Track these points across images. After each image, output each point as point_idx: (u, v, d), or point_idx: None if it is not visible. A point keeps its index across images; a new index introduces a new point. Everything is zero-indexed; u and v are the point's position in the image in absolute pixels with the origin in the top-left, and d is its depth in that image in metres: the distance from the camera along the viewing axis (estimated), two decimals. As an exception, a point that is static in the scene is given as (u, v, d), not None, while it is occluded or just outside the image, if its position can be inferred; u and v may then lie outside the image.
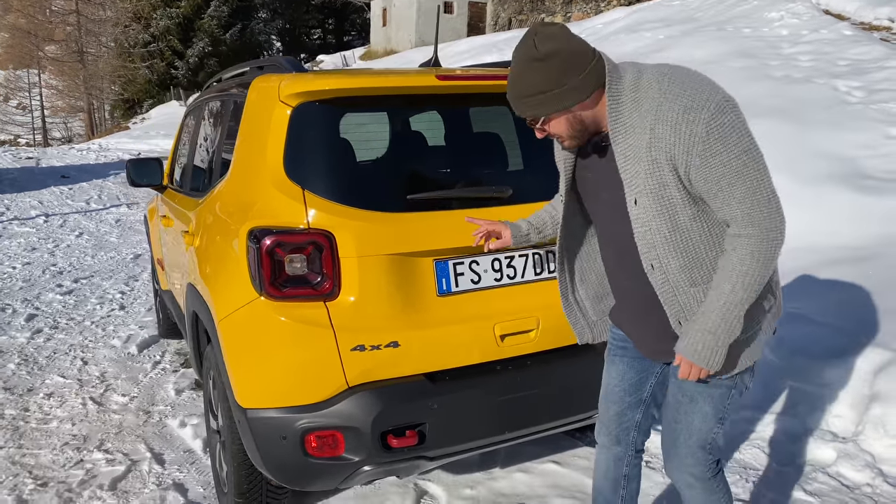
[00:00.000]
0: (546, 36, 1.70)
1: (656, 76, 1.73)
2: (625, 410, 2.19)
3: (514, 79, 1.77)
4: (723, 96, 1.67)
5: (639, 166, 1.74)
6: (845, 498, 2.75)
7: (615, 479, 2.26)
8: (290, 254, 2.28)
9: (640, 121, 1.71)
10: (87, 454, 3.44)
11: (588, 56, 1.73)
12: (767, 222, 1.67)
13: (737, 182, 1.65)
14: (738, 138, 1.65)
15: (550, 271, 2.61)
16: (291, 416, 2.30)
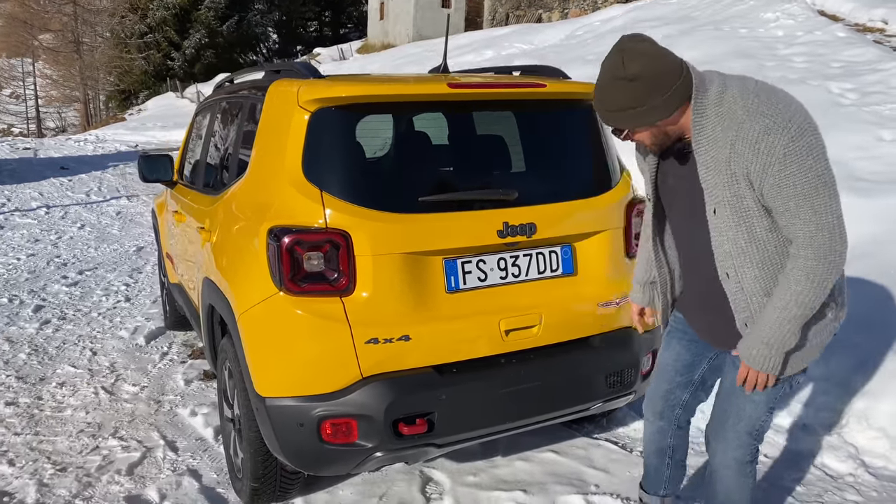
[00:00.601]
0: (635, 55, 1.77)
1: (741, 92, 1.81)
2: (673, 389, 2.38)
3: (600, 91, 1.88)
4: (803, 119, 1.76)
5: (719, 178, 1.84)
6: (828, 487, 2.90)
7: (661, 448, 2.48)
8: (309, 251, 2.41)
9: (723, 134, 1.81)
10: (103, 441, 3.57)
11: (675, 75, 1.80)
12: (826, 247, 1.76)
13: (804, 204, 1.75)
14: (813, 162, 1.73)
15: (553, 270, 2.75)
16: (308, 404, 2.44)
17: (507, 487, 2.98)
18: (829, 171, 1.78)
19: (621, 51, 1.81)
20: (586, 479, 3.04)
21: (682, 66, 1.84)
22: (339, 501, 2.95)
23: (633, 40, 1.83)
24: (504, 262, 2.65)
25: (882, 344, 3.51)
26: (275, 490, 2.83)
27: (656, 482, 2.56)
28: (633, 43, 1.82)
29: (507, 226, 2.58)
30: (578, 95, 2.89)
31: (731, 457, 2.15)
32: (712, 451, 2.21)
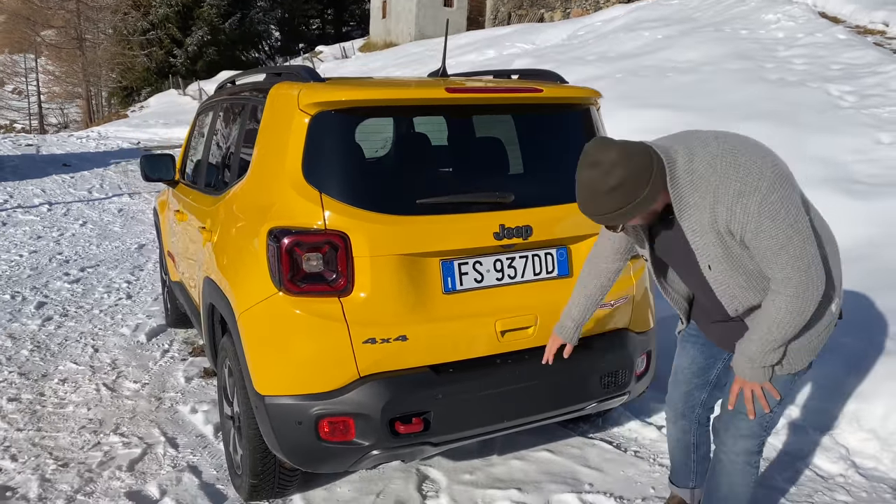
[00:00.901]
0: (609, 167, 1.88)
1: (708, 158, 1.95)
2: (692, 391, 2.54)
3: (587, 204, 1.97)
4: (772, 171, 1.90)
5: (706, 239, 2.00)
6: (819, 487, 2.95)
7: (685, 446, 2.62)
8: (308, 252, 2.45)
9: (701, 200, 1.95)
10: (104, 437, 3.61)
11: (649, 168, 1.91)
12: (804, 286, 1.92)
13: (781, 252, 1.90)
14: (785, 214, 1.88)
15: (549, 272, 2.79)
16: (306, 402, 2.48)
17: (503, 486, 3.03)
18: (802, 217, 1.93)
19: (594, 165, 1.91)
20: (580, 478, 3.09)
21: (651, 154, 1.94)
22: (336, 498, 3.00)
23: (601, 150, 1.92)
24: (500, 263, 2.69)
25: (874, 346, 3.55)
26: (273, 487, 2.87)
27: (684, 476, 2.68)
28: (602, 154, 1.91)
29: (503, 228, 2.62)
30: (575, 100, 2.93)
31: (740, 447, 2.24)
32: (721, 442, 2.30)
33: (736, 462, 2.26)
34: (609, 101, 9.71)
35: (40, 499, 3.02)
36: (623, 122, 8.39)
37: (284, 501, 3.00)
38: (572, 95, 2.91)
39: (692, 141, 2.01)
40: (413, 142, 3.06)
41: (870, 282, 4.25)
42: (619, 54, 12.87)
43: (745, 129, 7.71)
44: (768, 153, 1.98)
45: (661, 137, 2.16)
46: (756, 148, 1.99)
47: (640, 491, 2.97)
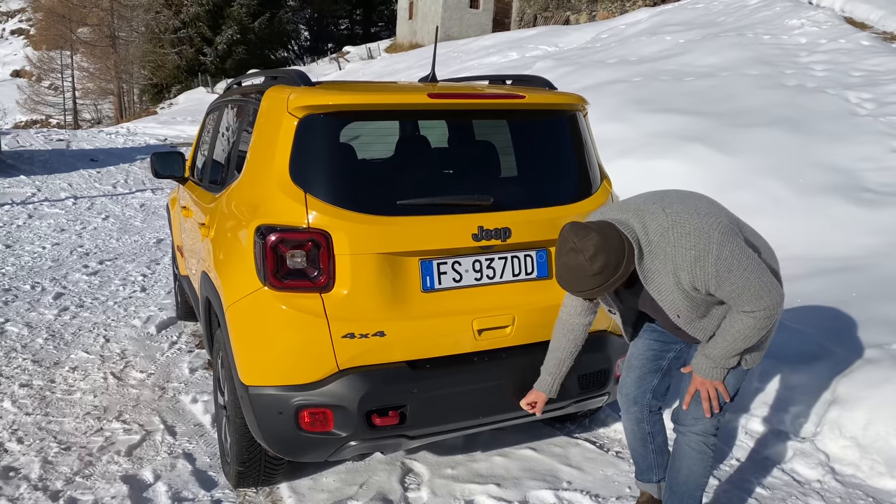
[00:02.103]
0: (593, 252, 2.12)
1: (661, 231, 2.21)
2: (644, 375, 2.67)
3: (571, 283, 2.21)
4: (718, 233, 2.17)
5: (672, 296, 2.26)
6: (794, 492, 2.98)
7: (642, 437, 2.72)
8: (292, 249, 2.56)
9: (662, 267, 2.23)
10: (107, 423, 3.76)
11: (623, 250, 2.17)
12: (769, 310, 2.19)
13: (743, 292, 2.17)
14: (737, 263, 2.16)
15: (528, 273, 2.86)
16: (287, 393, 2.59)
17: (482, 481, 3.11)
18: (751, 257, 2.20)
19: (577, 251, 2.15)
20: (560, 475, 3.16)
21: (622, 235, 2.20)
22: (321, 488, 3.10)
23: (580, 237, 2.15)
24: (479, 264, 2.78)
25: (860, 355, 3.56)
26: (259, 474, 2.99)
27: (647, 470, 2.76)
28: (582, 242, 2.14)
29: (481, 230, 2.70)
30: (558, 106, 3.00)
31: (698, 429, 2.45)
32: (679, 426, 2.51)
33: (695, 444, 2.46)
34: (624, 105, 9.75)
35: (41, 479, 3.17)
36: (637, 127, 8.42)
37: (271, 489, 3.11)
38: (556, 101, 2.98)
39: (643, 215, 2.27)
40: (396, 145, 3.15)
41: (863, 291, 4.26)
42: (640, 58, 12.84)
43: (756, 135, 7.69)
44: (708, 211, 2.26)
45: (613, 208, 2.40)
46: (698, 209, 2.25)
47: (616, 490, 3.03)
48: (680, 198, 2.32)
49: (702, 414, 2.42)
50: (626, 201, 2.41)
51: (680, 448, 2.52)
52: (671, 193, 2.37)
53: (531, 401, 2.71)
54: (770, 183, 6.60)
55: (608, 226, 2.20)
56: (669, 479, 2.59)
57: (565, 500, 2.95)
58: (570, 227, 2.21)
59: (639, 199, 2.39)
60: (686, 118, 8.48)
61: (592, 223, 2.22)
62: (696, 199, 2.33)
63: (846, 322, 3.93)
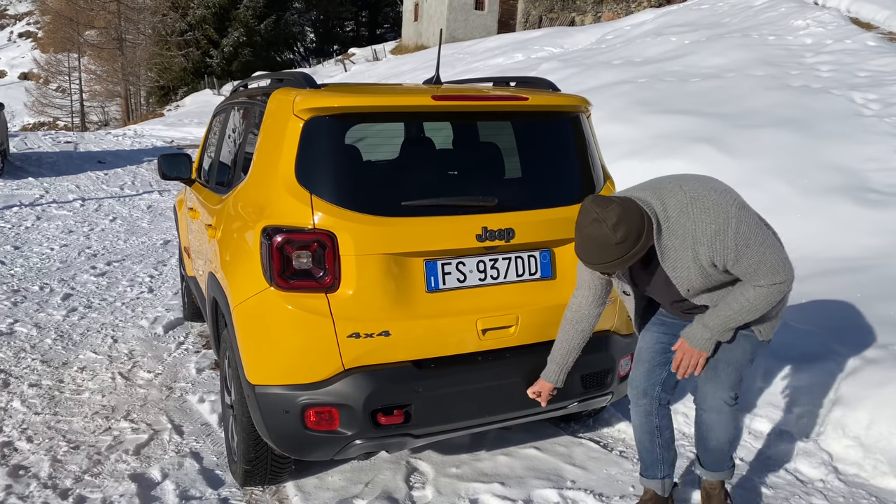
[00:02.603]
0: (616, 221, 2.15)
1: (680, 207, 2.26)
2: (654, 368, 2.70)
3: (593, 255, 2.23)
4: (735, 208, 2.24)
5: (687, 272, 2.31)
6: (796, 491, 2.99)
7: (650, 431, 2.74)
8: (298, 250, 2.59)
9: (681, 243, 2.27)
10: (115, 423, 3.80)
11: (643, 224, 2.20)
12: (780, 278, 2.26)
13: (760, 266, 2.24)
14: (754, 237, 2.23)
15: (531, 274, 2.89)
16: (294, 392, 2.62)
17: (487, 480, 3.13)
18: (766, 231, 2.29)
19: (599, 221, 2.18)
20: (564, 475, 3.18)
21: (641, 209, 2.23)
22: (327, 486, 3.13)
23: (602, 208, 2.18)
24: (483, 264, 2.80)
25: (864, 355, 3.57)
26: (266, 473, 3.02)
27: (652, 466, 2.77)
28: (604, 212, 2.17)
29: (486, 230, 2.73)
30: (561, 107, 3.02)
31: (720, 398, 2.54)
32: (703, 396, 2.59)
33: (720, 412, 2.55)
34: (629, 106, 9.75)
35: (50, 478, 3.20)
36: (642, 128, 8.43)
37: (277, 488, 3.14)
38: (559, 103, 3.01)
39: (662, 193, 2.31)
40: (401, 146, 3.18)
41: (868, 291, 4.26)
42: (645, 59, 12.85)
43: (762, 136, 7.68)
44: (724, 188, 2.32)
45: (632, 188, 2.44)
46: (714, 187, 2.31)
47: (619, 489, 3.05)
48: (695, 178, 2.39)
49: (729, 381, 2.51)
50: (643, 183, 2.45)
51: (704, 424, 2.62)
52: (686, 175, 2.43)
53: (537, 390, 2.74)
54: (776, 184, 6.60)
55: (628, 199, 2.25)
56: (701, 444, 2.67)
57: (569, 499, 2.97)
58: (592, 198, 2.25)
59: (654, 180, 2.44)
60: (692, 119, 8.49)
61: (614, 197, 2.26)
62: (710, 179, 2.39)
63: (851, 322, 3.94)
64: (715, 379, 2.54)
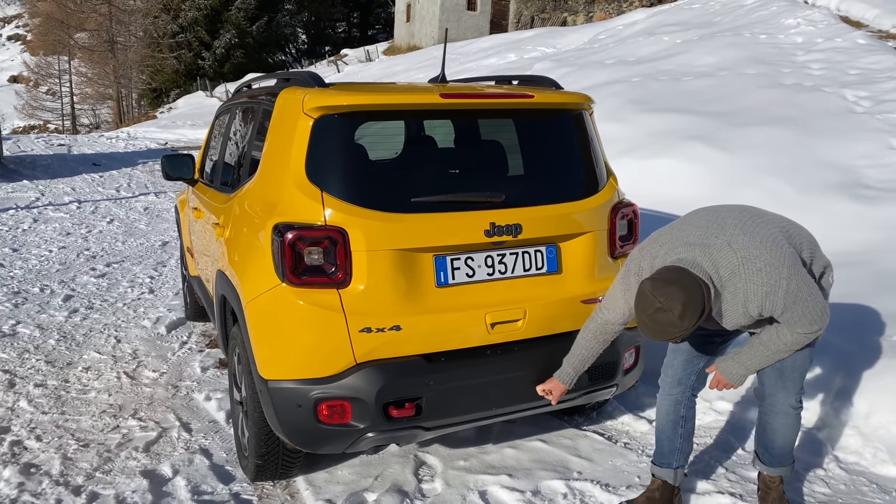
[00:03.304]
0: (681, 311, 2.21)
1: (732, 269, 2.32)
2: (692, 358, 2.78)
3: (665, 335, 2.29)
4: (787, 267, 2.29)
5: (737, 319, 2.40)
6: (798, 478, 3.05)
7: (675, 420, 2.80)
8: (309, 247, 2.64)
9: (732, 298, 2.35)
10: (123, 421, 3.83)
11: (704, 296, 2.25)
12: (818, 327, 2.37)
13: (802, 318, 2.34)
14: (802, 293, 2.30)
15: (538, 268, 2.94)
16: (306, 387, 2.66)
17: (495, 472, 3.18)
18: (810, 282, 2.35)
19: (666, 311, 2.23)
20: (570, 466, 3.23)
21: (699, 281, 2.27)
22: (337, 480, 3.17)
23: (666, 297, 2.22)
24: (491, 259, 2.85)
25: (863, 346, 3.64)
26: (277, 467, 3.06)
27: (669, 455, 2.82)
28: (669, 301, 2.22)
29: (493, 226, 2.78)
30: (566, 105, 3.08)
31: (789, 403, 2.63)
32: (773, 404, 2.67)
33: (789, 416, 2.64)
34: (623, 105, 9.81)
35: (62, 475, 3.23)
36: (636, 127, 8.50)
37: (288, 483, 3.18)
38: (563, 101, 3.06)
39: (712, 253, 2.35)
40: (409, 144, 3.23)
41: (864, 285, 4.33)
42: (638, 58, 12.93)
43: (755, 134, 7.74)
44: (772, 237, 2.35)
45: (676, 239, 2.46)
46: (763, 240, 2.34)
47: (625, 480, 3.11)
48: (740, 226, 2.39)
49: (796, 386, 2.61)
50: (685, 232, 2.46)
51: (770, 428, 2.69)
52: (728, 222, 2.42)
53: (548, 388, 2.79)
54: (770, 180, 6.68)
55: (685, 275, 2.28)
56: (766, 445, 2.74)
57: (576, 490, 3.03)
58: (651, 286, 2.27)
59: (696, 229, 2.45)
60: (685, 117, 8.57)
61: (672, 276, 2.28)
62: (754, 224, 2.41)
63: (848, 316, 4.00)
64: (783, 386, 2.62)
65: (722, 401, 3.72)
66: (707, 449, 3.37)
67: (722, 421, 3.61)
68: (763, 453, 2.76)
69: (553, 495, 2.99)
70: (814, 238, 2.56)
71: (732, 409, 3.67)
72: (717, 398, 3.74)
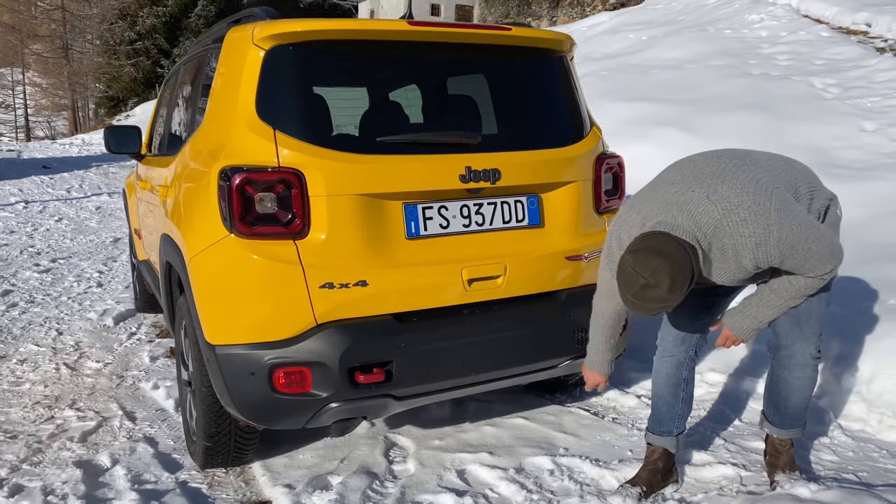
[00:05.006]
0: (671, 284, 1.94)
1: (713, 224, 2.05)
2: (697, 312, 2.49)
3: (649, 309, 2.02)
4: (776, 210, 2.02)
5: (735, 274, 2.15)
6: (804, 446, 2.81)
7: (675, 384, 2.53)
8: (261, 192, 2.32)
9: (721, 256, 2.11)
10: (59, 412, 3.44)
11: (691, 263, 1.99)
12: (830, 267, 2.11)
13: (807, 262, 2.08)
14: (798, 235, 2.04)
15: (519, 221, 2.66)
16: (259, 352, 2.34)
17: (473, 450, 2.88)
18: (808, 221, 2.08)
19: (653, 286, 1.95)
20: (556, 442, 2.94)
21: (684, 246, 2.00)
22: (298, 465, 2.84)
23: (650, 271, 1.95)
24: (467, 209, 2.56)
25: (860, 313, 3.44)
26: (229, 451, 2.71)
27: (669, 422, 2.55)
28: (656, 274, 1.94)
29: (469, 171, 2.49)
30: (546, 43, 2.82)
31: (808, 353, 2.35)
32: (790, 355, 2.38)
33: (807, 368, 2.37)
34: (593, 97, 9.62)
35: (-18, 468, 2.84)
36: (607, 115, 8.32)
37: (243, 469, 2.84)
38: (543, 37, 2.79)
39: (692, 210, 2.07)
40: (375, 78, 2.93)
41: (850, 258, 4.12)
42: (604, 55, 12.85)
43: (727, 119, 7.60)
44: (754, 180, 2.08)
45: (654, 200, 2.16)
46: (744, 186, 2.06)
47: (616, 454, 2.83)
48: (718, 175, 2.12)
49: (814, 334, 2.35)
50: (660, 192, 2.17)
51: (784, 383, 2.42)
52: (706, 171, 2.15)
53: (595, 384, 2.56)
54: (745, 162, 6.53)
55: (668, 241, 2.00)
56: (778, 404, 2.47)
57: (563, 466, 2.74)
58: (633, 260, 1.99)
59: (671, 186, 2.16)
60: (656, 105, 8.43)
61: (652, 245, 1.99)
62: (734, 169, 2.13)
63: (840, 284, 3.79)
64: (801, 334, 2.34)
65: (713, 372, 3.49)
66: (701, 421, 3.11)
67: (715, 393, 3.37)
68: (774, 413, 2.50)
69: (538, 472, 2.70)
70: (811, 171, 2.31)
71: (725, 381, 3.43)
72: (707, 370, 3.50)
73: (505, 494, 2.56)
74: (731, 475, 2.61)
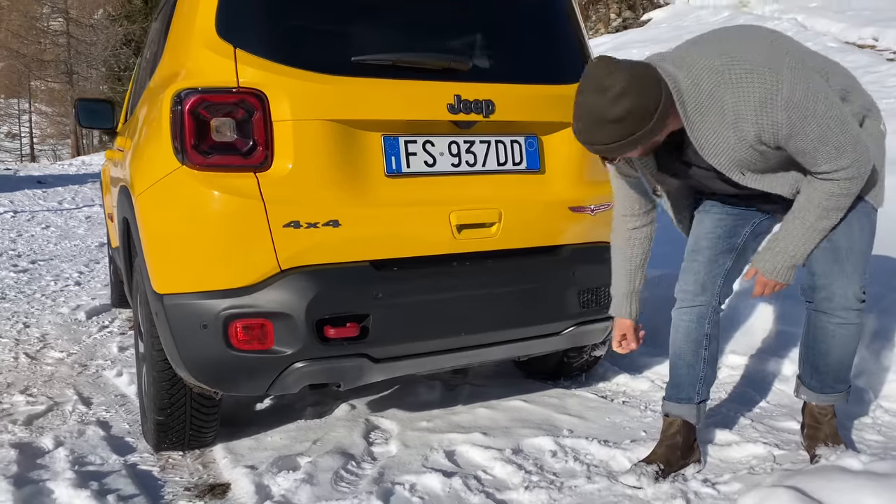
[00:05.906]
0: (617, 94, 1.64)
1: (715, 76, 1.71)
2: (716, 256, 2.14)
3: (585, 130, 1.73)
4: (788, 68, 1.69)
5: (734, 154, 1.79)
6: (846, 426, 2.45)
7: (697, 339, 2.16)
8: (218, 117, 2.01)
9: (719, 120, 1.75)
10: (7, 397, 3.10)
11: (658, 97, 1.69)
12: (850, 164, 1.75)
13: (819, 146, 1.73)
14: (814, 107, 1.69)
15: (515, 163, 2.35)
16: (213, 301, 2.01)
17: (465, 431, 2.52)
18: (830, 100, 1.74)
19: (600, 90, 1.66)
20: (558, 424, 2.59)
21: (660, 81, 1.72)
22: (265, 447, 2.48)
23: (608, 74, 1.66)
24: (457, 146, 2.25)
25: (889, 287, 3.11)
26: (185, 426, 2.36)
27: (690, 387, 2.17)
28: (609, 79, 1.66)
29: (459, 100, 2.19)
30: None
31: (851, 293, 1.98)
32: (828, 297, 2.01)
33: (850, 313, 2.01)
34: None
35: None
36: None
37: (202, 452, 2.49)
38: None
39: (690, 60, 1.76)
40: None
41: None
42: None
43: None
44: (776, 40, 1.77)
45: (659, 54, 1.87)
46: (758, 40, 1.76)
47: (628, 434, 2.47)
48: (741, 29, 1.83)
49: (857, 271, 1.97)
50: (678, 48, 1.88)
51: (824, 333, 2.05)
52: (731, 28, 1.85)
53: (620, 334, 2.24)
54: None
55: (645, 69, 1.71)
56: (815, 362, 2.11)
57: (567, 448, 2.37)
58: (598, 60, 1.71)
59: (683, 45, 1.88)
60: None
61: (627, 61, 1.71)
62: (755, 29, 1.83)
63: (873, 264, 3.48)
64: (841, 271, 1.97)
65: (734, 354, 3.14)
66: (723, 403, 2.75)
67: (736, 376, 3.02)
68: (811, 375, 2.13)
69: (538, 454, 2.34)
70: (849, 72, 1.97)
71: (747, 363, 3.08)
72: (728, 352, 3.15)
73: (500, 476, 2.20)
74: (763, 454, 2.25)
